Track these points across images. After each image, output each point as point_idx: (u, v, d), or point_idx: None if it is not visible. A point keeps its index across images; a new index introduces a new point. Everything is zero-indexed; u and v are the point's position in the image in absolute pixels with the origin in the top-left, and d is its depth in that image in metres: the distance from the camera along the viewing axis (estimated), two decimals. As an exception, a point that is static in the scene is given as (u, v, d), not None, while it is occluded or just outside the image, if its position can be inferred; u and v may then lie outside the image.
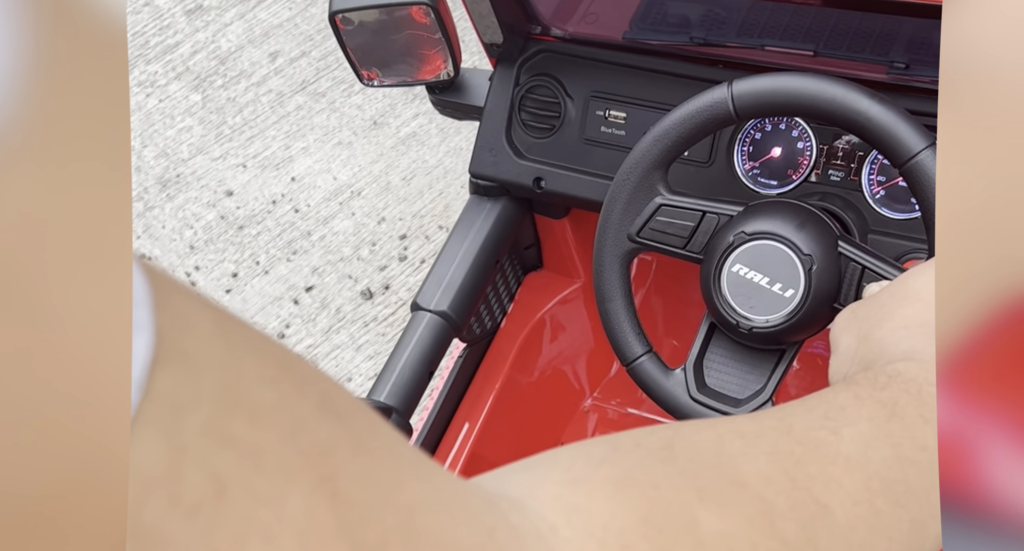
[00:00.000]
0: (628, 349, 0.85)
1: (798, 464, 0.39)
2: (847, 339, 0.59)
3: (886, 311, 0.57)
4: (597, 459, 0.36)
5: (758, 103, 0.77)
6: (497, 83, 1.02)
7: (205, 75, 2.22)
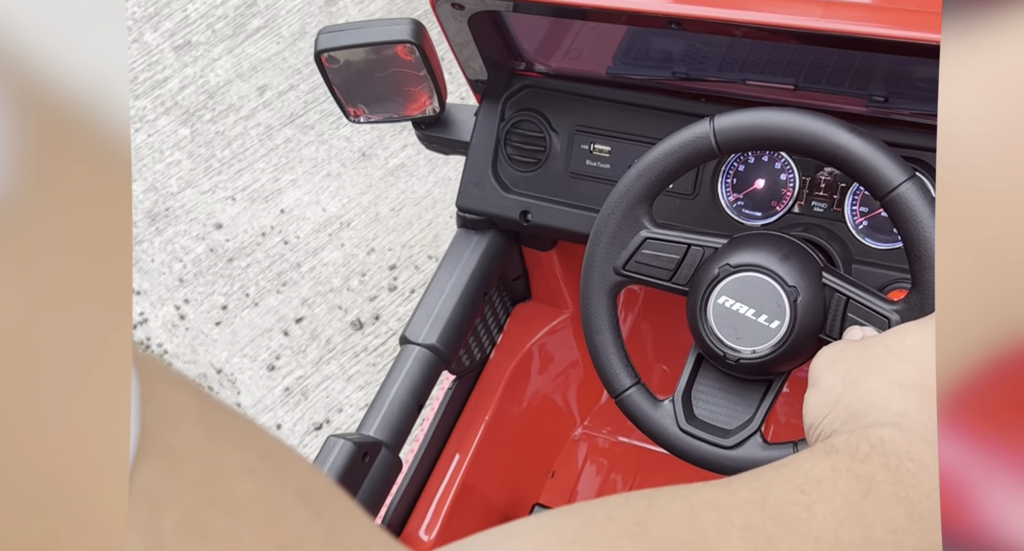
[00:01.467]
0: (616, 381, 0.86)
1: (769, 542, 0.40)
2: (831, 379, 0.59)
3: (880, 362, 0.58)
4: (568, 538, 0.36)
5: (739, 138, 0.78)
6: (482, 118, 1.03)
7: (194, 109, 2.23)
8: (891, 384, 0.55)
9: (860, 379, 0.57)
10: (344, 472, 0.88)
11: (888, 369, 0.57)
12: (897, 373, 0.56)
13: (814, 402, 0.60)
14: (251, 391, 1.91)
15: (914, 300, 0.74)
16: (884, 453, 0.48)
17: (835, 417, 0.57)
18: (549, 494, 1.30)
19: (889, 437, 0.49)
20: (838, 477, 0.45)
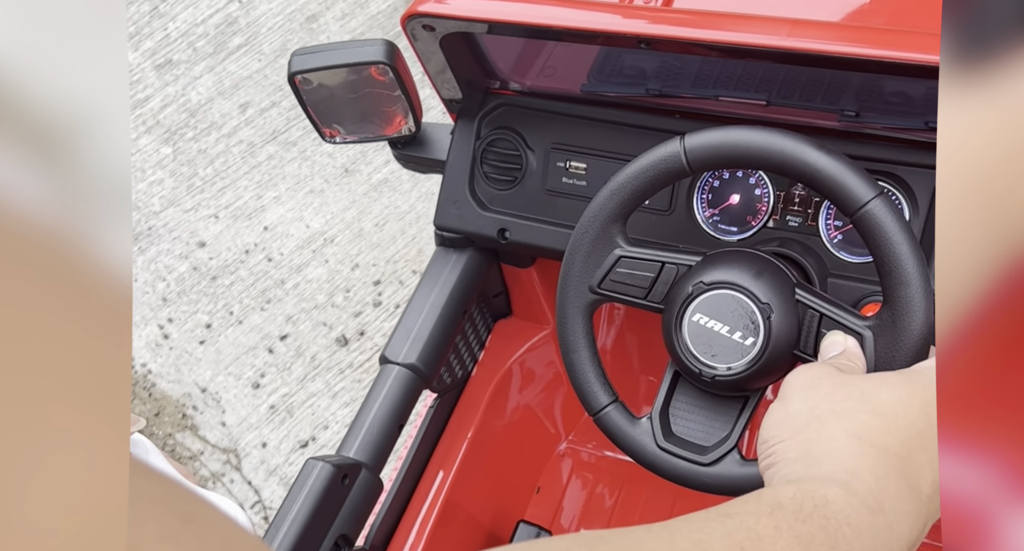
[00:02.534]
0: (594, 399, 0.86)
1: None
2: (800, 404, 0.59)
3: (850, 406, 0.58)
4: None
5: (710, 156, 0.78)
6: (458, 137, 1.04)
7: (175, 128, 2.23)
8: (853, 435, 0.55)
9: (826, 418, 0.57)
10: (324, 495, 0.88)
11: (856, 417, 0.57)
12: (863, 425, 0.56)
13: (776, 419, 0.60)
14: (236, 410, 1.90)
15: (886, 315, 0.74)
16: (825, 515, 0.49)
17: (790, 447, 0.57)
18: (535, 510, 1.30)
19: (833, 498, 0.50)
20: (779, 535, 0.46)
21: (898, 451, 0.55)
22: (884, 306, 0.75)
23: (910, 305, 0.72)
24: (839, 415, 0.57)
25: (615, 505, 1.30)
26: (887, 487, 0.53)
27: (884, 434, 0.56)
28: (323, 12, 2.32)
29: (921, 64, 0.74)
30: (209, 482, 1.82)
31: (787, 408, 0.60)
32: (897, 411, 0.57)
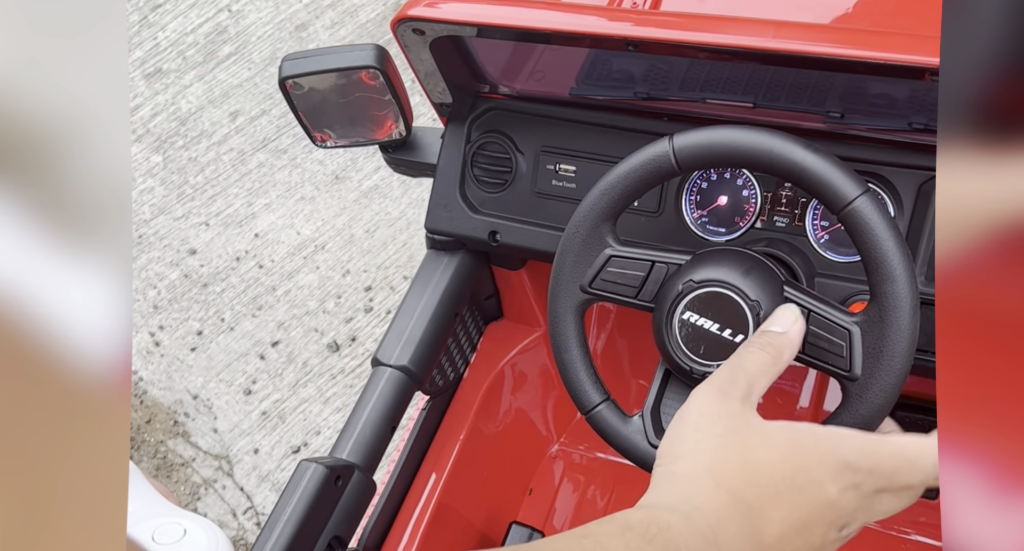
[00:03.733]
0: (586, 398, 0.86)
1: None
2: (689, 433, 0.64)
3: (726, 454, 0.63)
4: None
5: (698, 156, 0.79)
6: (448, 141, 1.04)
7: (166, 136, 2.23)
8: (714, 480, 0.61)
9: (701, 457, 0.63)
10: (316, 497, 0.88)
11: (726, 465, 0.62)
12: (729, 473, 0.61)
13: (684, 434, 0.64)
14: (228, 416, 1.90)
15: (873, 311, 0.75)
16: (668, 537, 0.55)
17: (674, 470, 0.63)
18: (527, 511, 1.30)
19: (675, 524, 0.57)
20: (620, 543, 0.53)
21: (751, 501, 0.61)
22: (871, 302, 0.75)
23: (896, 301, 0.73)
24: (714, 457, 0.62)
25: (607, 506, 1.31)
26: (727, 526, 0.59)
27: (744, 484, 0.61)
28: (312, 21, 2.33)
29: (903, 64, 0.75)
30: (201, 488, 1.82)
31: (679, 432, 0.65)
32: (765, 470, 0.62)
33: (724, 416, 0.65)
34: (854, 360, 0.75)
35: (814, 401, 1.34)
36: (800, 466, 0.62)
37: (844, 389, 0.76)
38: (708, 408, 0.66)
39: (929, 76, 0.75)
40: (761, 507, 0.60)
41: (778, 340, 0.73)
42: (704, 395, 0.67)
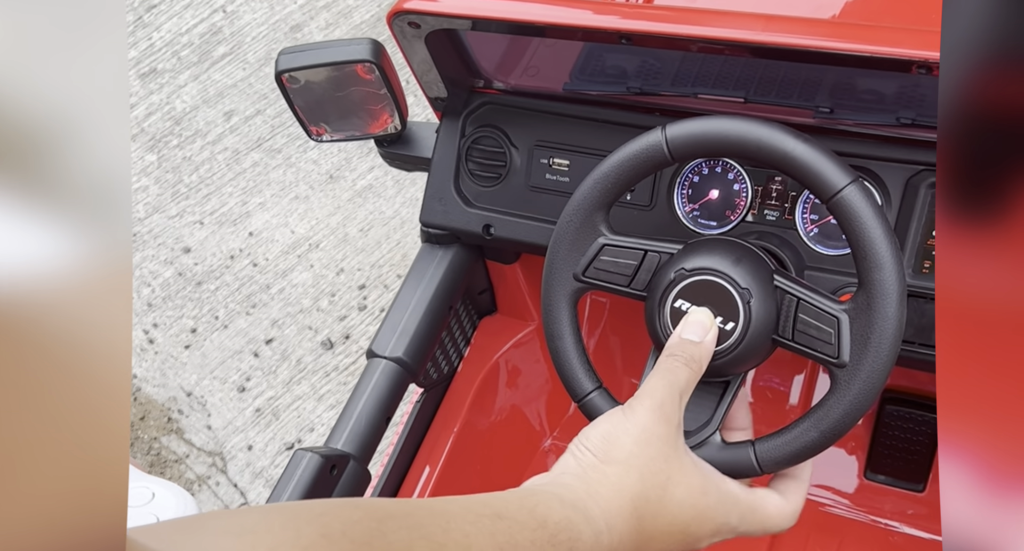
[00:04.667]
0: (579, 386, 0.87)
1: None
2: (628, 441, 0.68)
3: (653, 480, 0.67)
4: (303, 546, 0.41)
5: (691, 145, 0.80)
6: (443, 135, 1.06)
7: (160, 136, 2.24)
8: (632, 502, 0.66)
9: (630, 471, 0.67)
10: (312, 485, 0.89)
11: (646, 490, 0.67)
12: (645, 499, 0.66)
13: (623, 441, 0.68)
14: (222, 413, 1.91)
15: (861, 299, 0.76)
16: (571, 548, 0.59)
17: (606, 472, 0.67)
18: (520, 506, 1.31)
19: (585, 539, 0.60)
20: (534, 547, 0.55)
21: (651, 533, 0.66)
22: (859, 290, 0.77)
23: (884, 288, 0.74)
24: (642, 485, 0.66)
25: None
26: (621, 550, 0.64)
27: (652, 518, 0.66)
28: (307, 22, 2.34)
29: (890, 57, 0.76)
30: (195, 485, 1.82)
31: (620, 435, 0.68)
32: (674, 510, 0.67)
33: (661, 440, 0.69)
34: (842, 347, 0.76)
35: (803, 399, 1.36)
36: (698, 516, 0.69)
37: (832, 376, 0.77)
38: (651, 426, 0.69)
39: (916, 69, 0.77)
40: (652, 539, 0.67)
41: (698, 353, 0.77)
42: (649, 413, 0.70)
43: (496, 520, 0.55)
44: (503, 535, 0.54)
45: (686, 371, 0.75)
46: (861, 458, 1.32)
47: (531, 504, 0.59)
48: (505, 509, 0.56)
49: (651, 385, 0.72)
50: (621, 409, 0.71)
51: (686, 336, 0.77)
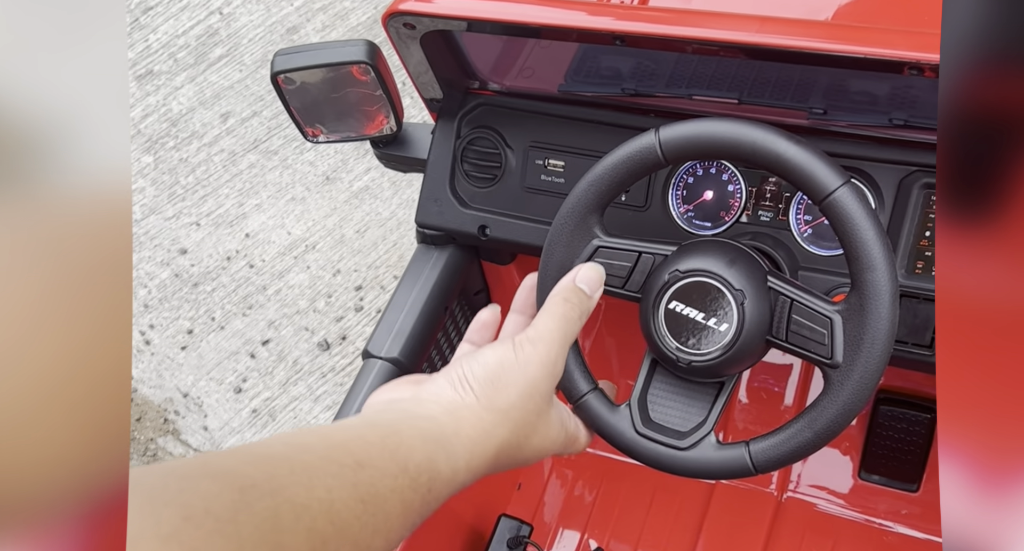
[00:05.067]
0: (574, 387, 0.87)
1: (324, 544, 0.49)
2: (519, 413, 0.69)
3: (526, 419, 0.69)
4: (166, 532, 0.40)
5: (684, 147, 0.80)
6: (439, 136, 1.06)
7: (156, 137, 2.24)
8: (499, 451, 0.68)
9: (511, 425, 0.68)
10: None
11: (517, 439, 0.69)
12: (509, 449, 0.69)
13: (511, 391, 0.69)
14: (218, 414, 1.91)
15: (854, 300, 0.76)
16: (430, 490, 0.60)
17: (486, 408, 0.68)
18: (516, 506, 1.31)
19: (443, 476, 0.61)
20: (391, 497, 0.55)
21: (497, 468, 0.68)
22: (852, 290, 0.77)
23: (877, 289, 0.74)
24: (513, 435, 0.68)
25: (595, 500, 1.32)
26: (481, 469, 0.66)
27: (506, 458, 0.68)
28: (304, 24, 2.35)
29: (882, 58, 0.77)
30: (191, 487, 1.82)
31: (508, 383, 0.69)
32: (526, 452, 0.71)
33: (542, 395, 0.71)
34: (835, 347, 0.76)
35: (797, 399, 1.36)
36: (540, 453, 0.73)
37: (826, 376, 0.77)
38: (539, 381, 0.70)
39: (908, 70, 0.77)
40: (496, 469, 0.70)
41: (588, 306, 0.79)
42: (540, 368, 0.71)
43: (358, 470, 0.54)
44: (365, 486, 0.54)
45: (576, 323, 0.76)
46: (855, 458, 1.33)
47: (393, 445, 0.58)
48: (367, 456, 0.56)
49: (547, 331, 0.74)
50: (514, 351, 0.71)
51: (580, 284, 0.79)
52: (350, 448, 0.55)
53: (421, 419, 0.64)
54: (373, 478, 0.54)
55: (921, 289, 0.91)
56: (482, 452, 0.66)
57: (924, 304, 0.92)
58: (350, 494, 0.52)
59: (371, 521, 0.53)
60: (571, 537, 1.31)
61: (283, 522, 0.45)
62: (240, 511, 0.43)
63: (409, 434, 0.61)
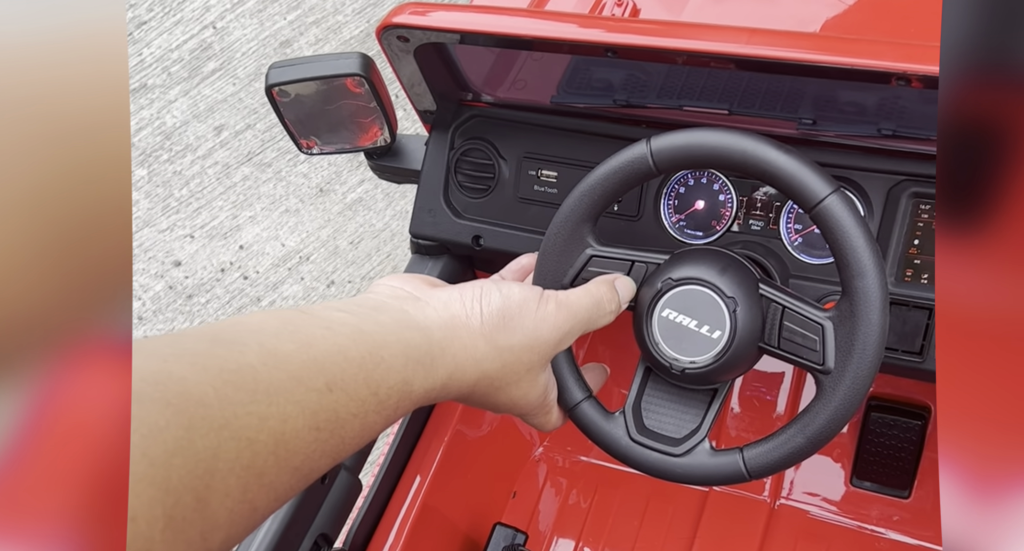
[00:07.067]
0: (568, 395, 0.87)
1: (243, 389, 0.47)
2: (516, 356, 0.69)
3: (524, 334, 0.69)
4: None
5: (675, 157, 0.81)
6: (432, 147, 1.07)
7: (150, 150, 2.25)
8: (483, 382, 0.67)
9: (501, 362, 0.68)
10: (303, 494, 0.90)
11: (504, 376, 0.69)
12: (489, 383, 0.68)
13: (522, 333, 0.69)
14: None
15: (845, 307, 0.77)
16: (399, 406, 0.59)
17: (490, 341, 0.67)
18: (511, 514, 1.32)
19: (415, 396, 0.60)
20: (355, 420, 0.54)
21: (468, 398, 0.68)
22: (843, 298, 0.78)
23: (867, 296, 0.75)
24: (502, 369, 0.67)
25: (590, 508, 1.32)
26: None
27: (480, 392, 0.68)
28: (297, 37, 2.36)
29: (870, 69, 0.78)
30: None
31: (524, 317, 0.69)
32: (501, 397, 0.70)
33: (539, 354, 0.71)
34: (827, 354, 0.77)
35: (789, 406, 1.37)
36: (512, 406, 0.73)
37: (818, 382, 0.78)
38: (544, 343, 0.71)
39: (895, 81, 0.78)
40: (468, 399, 0.70)
41: (615, 308, 0.80)
42: (552, 332, 0.71)
43: (325, 394, 0.51)
44: (326, 412, 0.51)
45: (605, 317, 0.78)
46: (847, 465, 1.34)
47: (371, 365, 0.55)
48: (340, 378, 0.53)
49: (579, 303, 0.75)
50: (539, 302, 0.71)
51: (618, 288, 0.81)
52: (325, 366, 0.52)
53: (413, 329, 0.62)
54: (337, 403, 0.52)
55: (911, 296, 0.92)
56: (462, 377, 0.64)
57: (914, 311, 0.93)
58: (306, 423, 0.49)
59: (321, 447, 0.50)
60: (566, 545, 1.31)
61: (219, 462, 0.42)
62: (177, 453, 0.40)
63: (393, 351, 0.58)
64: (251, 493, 0.44)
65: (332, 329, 0.55)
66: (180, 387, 0.42)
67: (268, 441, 0.46)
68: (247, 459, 0.44)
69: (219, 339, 0.48)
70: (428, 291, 0.67)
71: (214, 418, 0.43)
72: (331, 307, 0.58)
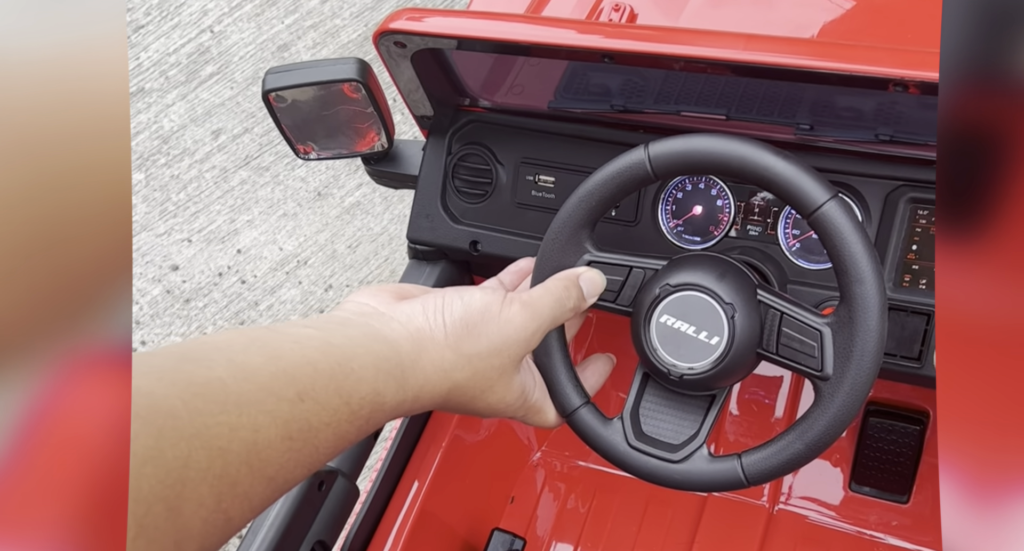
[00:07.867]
0: (567, 401, 0.87)
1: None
2: (486, 364, 0.69)
3: (489, 343, 0.70)
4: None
5: (673, 163, 0.81)
6: (430, 153, 1.07)
7: (148, 154, 2.24)
8: (452, 395, 0.68)
9: (470, 371, 0.68)
10: (300, 501, 0.89)
11: (473, 388, 0.69)
12: (460, 397, 0.69)
13: (493, 344, 0.70)
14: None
15: (843, 312, 0.77)
16: (372, 418, 0.60)
17: (459, 353, 0.68)
18: (509, 519, 1.31)
19: (387, 406, 0.61)
20: (328, 429, 0.55)
21: (445, 407, 0.69)
22: (841, 303, 0.78)
23: (865, 302, 0.75)
24: (473, 377, 0.68)
25: (588, 513, 1.32)
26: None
27: (454, 402, 0.69)
28: (294, 41, 2.36)
29: (867, 75, 0.78)
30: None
31: (494, 330, 0.70)
32: (478, 404, 0.71)
33: (508, 357, 0.71)
34: (825, 360, 0.77)
35: (787, 412, 1.37)
36: (492, 412, 0.74)
37: (816, 388, 0.78)
38: (511, 345, 0.71)
39: (892, 86, 0.78)
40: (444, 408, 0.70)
41: (583, 306, 0.81)
42: (517, 333, 0.72)
43: (296, 403, 0.51)
44: (298, 422, 0.51)
45: (566, 313, 0.79)
46: (846, 470, 1.34)
47: (342, 375, 0.56)
48: (311, 388, 0.53)
49: (540, 302, 0.75)
50: (501, 305, 0.71)
51: (582, 283, 0.81)
52: (295, 377, 0.52)
53: (382, 342, 0.62)
54: (310, 413, 0.52)
55: (909, 302, 0.92)
56: (433, 389, 0.65)
57: (912, 317, 0.93)
58: (278, 433, 0.49)
59: (295, 456, 0.50)
60: (564, 550, 1.31)
61: (191, 471, 0.43)
62: (148, 462, 0.40)
63: (363, 362, 0.58)
64: (225, 503, 0.45)
65: (300, 343, 0.55)
66: (148, 401, 0.42)
67: (240, 451, 0.46)
68: (219, 468, 0.44)
69: (187, 357, 0.48)
70: (393, 306, 0.68)
71: (183, 428, 0.43)
72: (298, 324, 0.59)
